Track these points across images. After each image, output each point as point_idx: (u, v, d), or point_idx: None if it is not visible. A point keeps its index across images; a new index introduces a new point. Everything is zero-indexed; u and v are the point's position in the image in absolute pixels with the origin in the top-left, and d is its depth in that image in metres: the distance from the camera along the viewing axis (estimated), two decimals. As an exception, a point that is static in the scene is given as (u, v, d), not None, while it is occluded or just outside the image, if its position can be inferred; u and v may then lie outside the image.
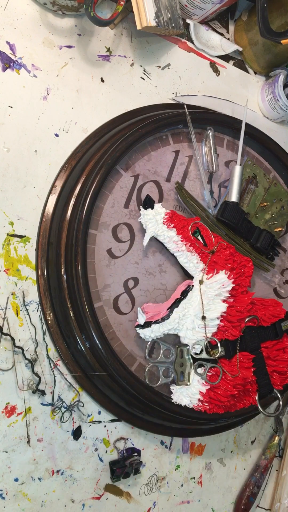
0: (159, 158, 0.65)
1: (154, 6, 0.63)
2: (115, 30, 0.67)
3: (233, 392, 0.61)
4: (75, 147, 0.63)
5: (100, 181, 0.57)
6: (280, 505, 0.74)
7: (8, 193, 0.59)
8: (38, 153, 0.61)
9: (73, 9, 0.62)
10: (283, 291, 0.73)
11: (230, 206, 0.66)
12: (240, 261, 0.64)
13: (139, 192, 0.63)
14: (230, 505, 0.73)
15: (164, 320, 0.60)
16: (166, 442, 0.67)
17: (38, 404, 0.58)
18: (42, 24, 0.63)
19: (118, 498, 0.63)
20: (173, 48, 0.72)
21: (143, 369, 0.60)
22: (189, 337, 0.61)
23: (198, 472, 0.70)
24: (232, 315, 0.62)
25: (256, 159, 0.73)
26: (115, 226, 0.61)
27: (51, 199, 0.61)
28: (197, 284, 0.62)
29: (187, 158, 0.67)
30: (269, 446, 0.75)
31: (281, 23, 0.72)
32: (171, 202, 0.65)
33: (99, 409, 0.62)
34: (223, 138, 0.70)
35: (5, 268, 0.58)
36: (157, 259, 0.63)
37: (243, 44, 0.78)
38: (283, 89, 0.74)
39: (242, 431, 0.74)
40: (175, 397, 0.60)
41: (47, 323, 0.59)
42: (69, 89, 0.64)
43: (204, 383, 0.60)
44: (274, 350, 0.66)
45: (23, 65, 0.61)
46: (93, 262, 0.59)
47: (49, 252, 0.60)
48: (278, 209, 0.71)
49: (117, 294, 0.60)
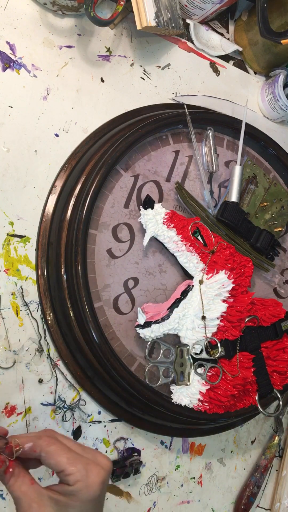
0: (159, 158, 0.65)
1: (154, 6, 0.63)
2: (115, 30, 0.67)
3: (233, 392, 0.61)
4: (75, 147, 0.63)
5: (100, 181, 0.57)
6: (280, 505, 0.74)
7: (8, 193, 0.59)
8: (38, 153, 0.61)
9: (73, 9, 0.62)
10: (283, 291, 0.73)
11: (230, 206, 0.66)
12: (240, 261, 0.64)
13: (139, 192, 0.63)
14: (230, 505, 0.73)
15: (164, 320, 0.60)
16: (166, 442, 0.67)
17: (38, 404, 0.58)
18: (42, 24, 0.63)
19: (118, 498, 0.63)
20: (173, 48, 0.72)
21: (143, 369, 0.60)
22: (189, 337, 0.61)
23: (198, 472, 0.70)
24: (232, 315, 0.62)
25: (256, 159, 0.73)
26: (115, 226, 0.61)
27: (51, 199, 0.61)
28: (197, 284, 0.62)
29: (187, 158, 0.67)
30: (269, 446, 0.75)
31: (281, 23, 0.72)
32: (171, 202, 0.65)
33: (99, 409, 0.62)
34: (223, 138, 0.70)
35: (5, 268, 0.58)
36: (157, 259, 0.63)
37: (243, 44, 0.78)
38: (283, 89, 0.74)
39: (242, 431, 0.74)
40: (175, 397, 0.60)
41: (47, 323, 0.59)
42: (69, 89, 0.64)
43: (204, 383, 0.60)
44: (274, 350, 0.66)
45: (23, 65, 0.61)
46: (93, 262, 0.59)
47: (49, 252, 0.60)
48: (278, 209, 0.71)
49: (117, 294, 0.60)
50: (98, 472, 0.40)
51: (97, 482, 0.39)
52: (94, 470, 0.40)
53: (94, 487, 0.39)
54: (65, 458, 0.39)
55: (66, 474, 0.39)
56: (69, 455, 0.40)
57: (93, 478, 0.39)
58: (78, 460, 0.40)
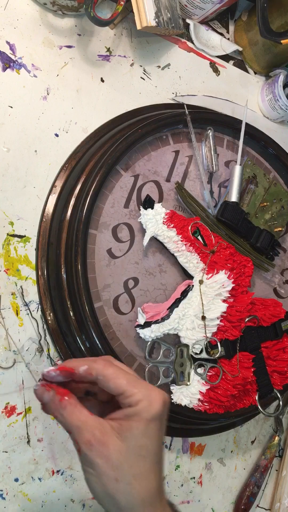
0: (159, 158, 0.65)
1: (154, 6, 0.63)
2: (115, 30, 0.67)
3: (233, 392, 0.61)
4: (75, 147, 0.63)
5: (100, 181, 0.57)
6: (280, 505, 0.74)
7: (8, 193, 0.59)
8: (38, 153, 0.61)
9: (73, 9, 0.62)
10: (283, 291, 0.73)
11: (230, 206, 0.66)
12: (240, 261, 0.64)
13: (139, 192, 0.63)
14: (230, 505, 0.73)
15: (164, 320, 0.60)
16: (166, 442, 0.67)
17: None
18: (42, 24, 0.63)
19: (118, 498, 0.63)
20: (173, 48, 0.72)
21: (143, 369, 0.60)
22: (189, 337, 0.61)
23: (198, 472, 0.70)
24: (232, 315, 0.62)
25: (256, 159, 0.73)
26: (115, 226, 0.61)
27: (51, 199, 0.61)
28: (197, 284, 0.62)
29: (187, 158, 0.67)
30: (269, 446, 0.75)
31: (281, 23, 0.72)
32: (171, 202, 0.65)
33: (99, 409, 0.62)
34: (223, 138, 0.70)
35: (5, 268, 0.58)
36: (157, 259, 0.63)
37: (243, 44, 0.78)
38: (283, 89, 0.74)
39: (242, 431, 0.74)
40: (175, 397, 0.60)
41: (47, 323, 0.59)
42: (69, 89, 0.64)
43: (204, 383, 0.60)
44: (274, 350, 0.66)
45: (23, 65, 0.61)
46: (93, 262, 0.59)
47: (49, 252, 0.60)
48: (278, 209, 0.71)
49: (117, 294, 0.60)
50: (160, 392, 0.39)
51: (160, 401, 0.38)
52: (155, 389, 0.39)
53: (157, 404, 0.38)
54: (125, 380, 0.38)
55: (127, 396, 0.38)
56: (129, 377, 0.39)
57: (155, 397, 0.38)
58: (138, 382, 0.39)
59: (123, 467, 0.36)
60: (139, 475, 0.37)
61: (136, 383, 0.38)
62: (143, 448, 0.37)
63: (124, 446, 0.37)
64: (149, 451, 0.37)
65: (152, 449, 0.38)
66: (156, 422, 0.38)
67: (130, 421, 0.37)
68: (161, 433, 0.39)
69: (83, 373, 0.39)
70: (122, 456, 0.36)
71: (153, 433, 0.38)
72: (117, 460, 0.36)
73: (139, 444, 0.37)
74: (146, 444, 0.37)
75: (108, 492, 0.36)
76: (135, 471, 0.37)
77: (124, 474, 0.36)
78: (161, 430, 0.39)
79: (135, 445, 0.37)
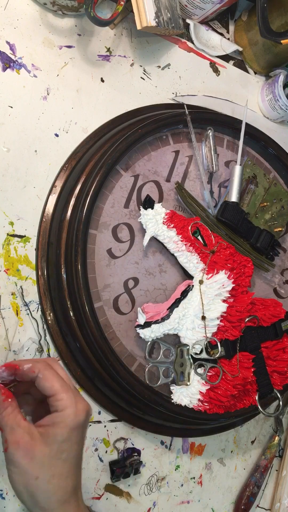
0: (159, 158, 0.65)
1: (154, 6, 0.63)
2: (115, 30, 0.67)
3: (233, 392, 0.61)
4: (75, 147, 0.63)
5: (100, 181, 0.57)
6: (280, 505, 0.74)
7: (8, 193, 0.59)
8: (38, 153, 0.61)
9: (73, 9, 0.62)
10: (283, 291, 0.73)
11: (230, 206, 0.66)
12: (240, 261, 0.64)
13: (139, 192, 0.63)
14: (230, 505, 0.73)
15: (164, 320, 0.60)
16: (166, 442, 0.67)
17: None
18: (42, 24, 0.63)
19: (118, 498, 0.63)
20: (173, 48, 0.72)
21: (143, 369, 0.60)
22: (189, 337, 0.61)
23: (198, 472, 0.70)
24: (232, 315, 0.62)
25: (256, 159, 0.73)
26: (115, 226, 0.61)
27: (51, 199, 0.61)
28: (197, 284, 0.62)
29: (187, 158, 0.67)
30: (269, 446, 0.75)
31: (281, 23, 0.72)
32: (171, 202, 0.65)
33: (99, 409, 0.62)
34: (223, 138, 0.70)
35: (5, 268, 0.58)
36: (157, 259, 0.63)
37: (243, 44, 0.78)
38: (283, 89, 0.74)
39: (242, 431, 0.74)
40: (175, 397, 0.60)
41: (47, 323, 0.59)
42: (69, 89, 0.64)
43: (204, 383, 0.60)
44: (274, 350, 0.66)
45: (23, 65, 0.61)
46: (93, 262, 0.59)
47: (49, 252, 0.60)
48: (278, 209, 0.71)
49: (117, 294, 0.60)
50: (85, 403, 0.44)
51: (84, 411, 0.43)
52: (81, 400, 0.44)
53: (81, 414, 0.43)
54: (59, 384, 0.43)
55: (57, 399, 0.42)
56: (62, 382, 0.43)
57: (80, 407, 0.43)
58: (69, 388, 0.43)
59: (44, 467, 0.41)
60: (58, 475, 0.41)
61: (67, 390, 0.43)
62: (64, 452, 0.42)
63: (48, 450, 0.41)
64: (70, 455, 0.42)
65: (72, 453, 0.42)
66: (78, 430, 0.43)
67: (56, 428, 0.42)
68: (82, 440, 0.44)
69: (26, 370, 0.43)
70: (45, 458, 0.41)
71: (75, 439, 0.42)
72: (39, 461, 0.41)
73: (61, 449, 0.42)
74: (68, 449, 0.42)
75: (28, 488, 0.41)
76: (54, 471, 0.41)
77: (44, 473, 0.41)
78: (82, 437, 0.44)
79: (57, 449, 0.41)
